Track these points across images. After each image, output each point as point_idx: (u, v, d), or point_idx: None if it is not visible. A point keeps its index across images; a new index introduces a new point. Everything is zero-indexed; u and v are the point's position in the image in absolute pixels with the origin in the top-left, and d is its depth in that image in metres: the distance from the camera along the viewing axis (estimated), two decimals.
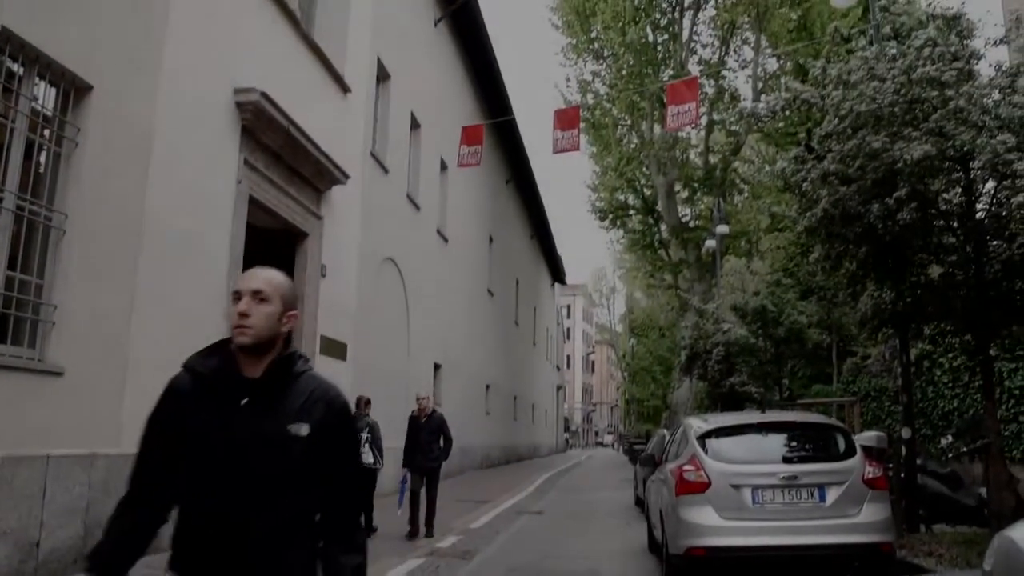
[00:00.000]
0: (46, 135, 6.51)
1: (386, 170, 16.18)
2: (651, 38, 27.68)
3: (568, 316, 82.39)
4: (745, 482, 6.82)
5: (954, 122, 7.61)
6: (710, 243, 25.90)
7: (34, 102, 6.33)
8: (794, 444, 7.43)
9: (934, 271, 8.94)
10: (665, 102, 15.47)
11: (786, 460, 7.05)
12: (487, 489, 17.97)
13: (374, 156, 15.45)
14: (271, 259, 10.41)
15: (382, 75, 16.27)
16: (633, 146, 29.74)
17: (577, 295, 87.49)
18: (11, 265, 6.04)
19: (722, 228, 23.98)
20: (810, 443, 7.55)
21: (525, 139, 31.20)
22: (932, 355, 14.37)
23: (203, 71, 8.45)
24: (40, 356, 6.21)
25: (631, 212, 33.41)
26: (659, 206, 30.45)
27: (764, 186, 29.41)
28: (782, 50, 25.60)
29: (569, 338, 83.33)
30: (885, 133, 7.95)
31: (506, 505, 14.79)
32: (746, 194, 32.38)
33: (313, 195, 11.63)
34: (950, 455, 12.90)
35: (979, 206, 8.37)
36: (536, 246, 42.23)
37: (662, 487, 8.02)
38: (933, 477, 10.52)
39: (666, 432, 14.73)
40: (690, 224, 31.58)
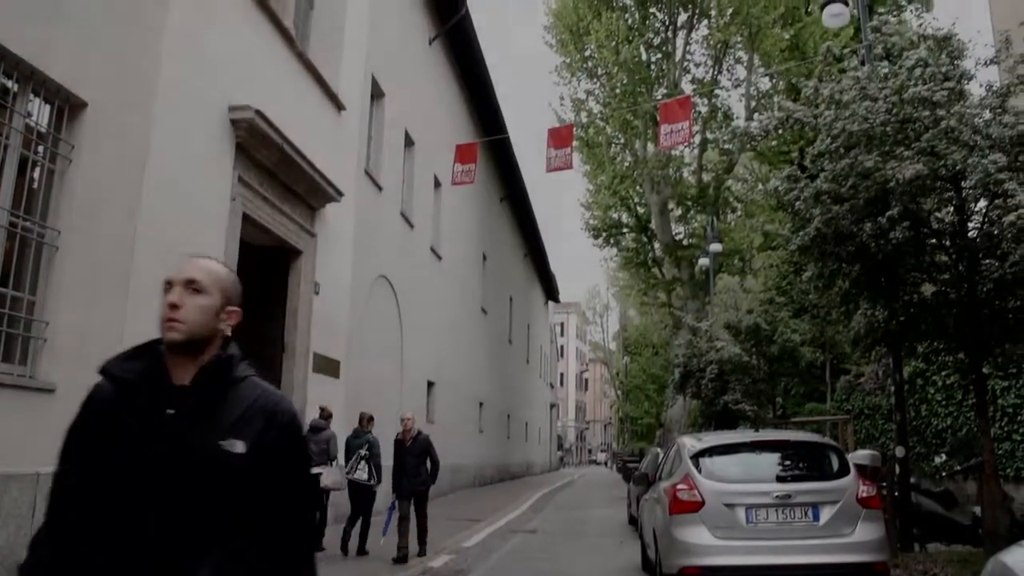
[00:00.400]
0: (40, 151, 6.50)
1: (380, 188, 16.19)
2: (644, 57, 27.80)
3: (562, 334, 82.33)
4: (739, 501, 6.81)
5: (946, 142, 7.65)
6: (703, 261, 25.98)
7: (28, 118, 6.33)
8: (788, 463, 7.42)
9: (927, 290, 8.95)
10: (658, 121, 15.52)
11: (780, 479, 7.04)
12: (480, 507, 17.90)
13: (368, 174, 15.47)
14: (264, 276, 10.37)
15: (376, 93, 16.32)
16: (627, 164, 29.81)
17: (571, 313, 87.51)
18: (3, 281, 6.03)
19: (715, 246, 24.06)
20: (804, 462, 7.54)
21: (519, 158, 31.30)
22: (925, 373, 14.38)
23: (198, 89, 8.46)
24: (32, 373, 6.18)
25: (625, 230, 33.44)
26: (652, 224, 30.49)
27: (757, 204, 29.51)
28: (775, 69, 25.73)
29: (563, 356, 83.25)
30: (877, 152, 7.98)
31: (499, 523, 14.73)
32: (739, 212, 32.46)
33: (307, 212, 11.64)
34: (944, 474, 12.89)
35: (971, 225, 8.40)
36: (530, 264, 42.26)
37: (656, 506, 8.00)
38: (927, 496, 10.51)
39: (660, 450, 14.72)
40: (683, 242, 31.63)
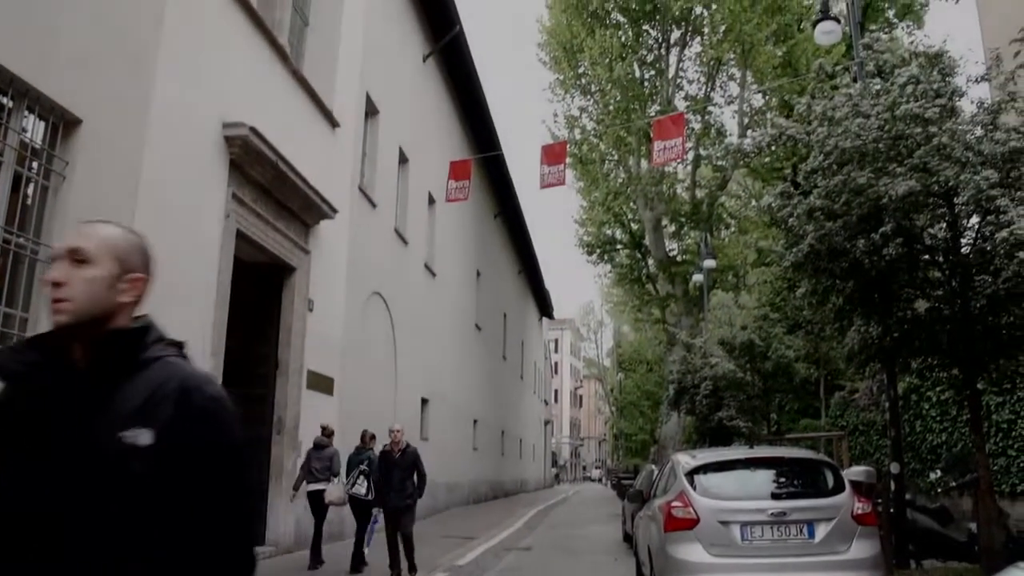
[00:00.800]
0: (34, 168, 6.50)
1: (374, 204, 16.20)
2: (638, 74, 27.91)
3: (556, 350, 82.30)
4: (734, 518, 6.78)
5: (938, 158, 7.68)
6: (697, 277, 25.99)
7: (23, 135, 6.33)
8: (783, 480, 7.40)
9: (920, 306, 8.96)
10: (652, 137, 15.58)
11: (775, 496, 7.01)
12: (474, 525, 17.81)
13: (362, 190, 15.48)
14: (258, 293, 10.32)
15: (371, 110, 16.35)
16: (620, 181, 29.87)
17: (565, 329, 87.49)
18: None
19: (709, 262, 24.07)
20: (799, 479, 7.52)
21: (513, 174, 31.38)
22: (920, 389, 14.38)
23: (192, 105, 8.47)
24: None
25: (618, 246, 33.49)
26: (646, 240, 30.53)
27: (751, 221, 29.61)
28: (767, 86, 25.86)
29: (557, 372, 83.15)
30: (870, 169, 8.01)
31: (493, 541, 14.65)
32: (733, 229, 32.55)
33: (301, 229, 11.63)
34: (939, 490, 12.87)
35: (964, 241, 8.42)
36: (524, 280, 42.26)
37: (650, 523, 7.96)
38: (922, 512, 10.48)
39: (654, 467, 14.66)
40: (677, 258, 31.66)
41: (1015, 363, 8.81)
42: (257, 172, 9.88)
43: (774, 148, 11.32)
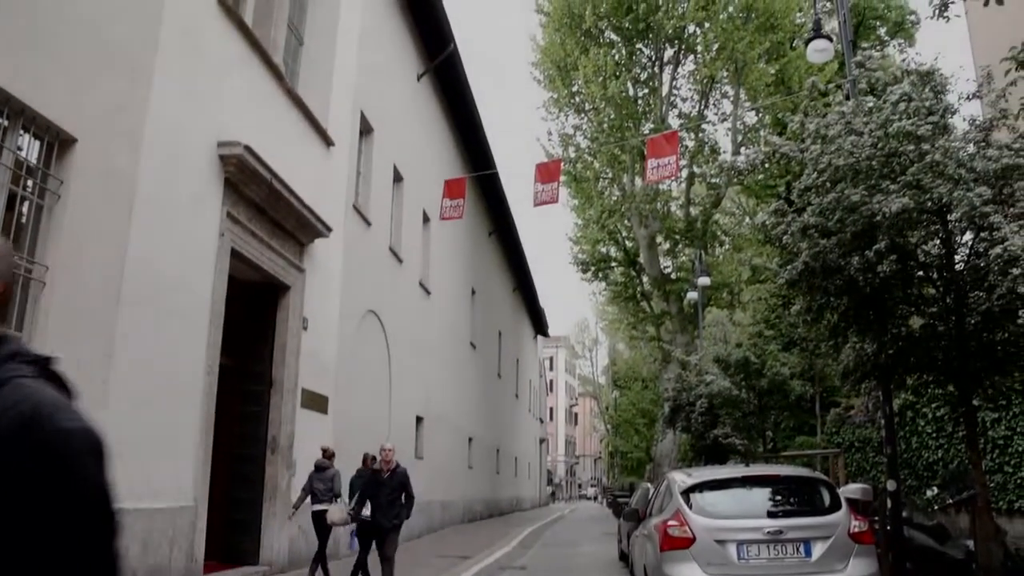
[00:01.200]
0: (29, 186, 6.49)
1: (369, 223, 16.20)
2: (632, 92, 28.05)
3: (551, 368, 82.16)
4: (730, 537, 6.75)
5: (931, 175, 7.71)
6: (692, 295, 26.02)
7: (18, 153, 6.33)
8: (779, 498, 7.38)
9: (915, 322, 8.98)
10: (646, 155, 15.62)
11: (771, 515, 6.99)
12: (469, 544, 17.71)
13: (357, 209, 15.48)
14: (253, 312, 10.30)
15: (365, 128, 16.38)
16: (614, 199, 29.93)
17: (560, 347, 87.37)
18: None
19: (704, 280, 24.10)
20: (795, 497, 7.50)
21: (507, 192, 31.41)
22: (915, 406, 14.38)
23: (187, 124, 8.48)
24: None
25: (613, 264, 33.52)
26: (641, 258, 30.56)
27: (745, 238, 29.64)
28: (761, 104, 26.00)
29: (552, 390, 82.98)
30: (863, 186, 8.05)
31: (488, 561, 14.57)
32: (727, 246, 32.59)
33: (295, 248, 11.62)
34: (936, 507, 12.85)
35: (958, 258, 8.45)
36: (518, 298, 42.25)
37: (646, 542, 7.92)
38: (919, 530, 10.45)
39: (650, 485, 14.63)
40: (672, 276, 31.69)
41: (1010, 379, 8.82)
42: (252, 191, 9.88)
43: (768, 166, 11.39)
